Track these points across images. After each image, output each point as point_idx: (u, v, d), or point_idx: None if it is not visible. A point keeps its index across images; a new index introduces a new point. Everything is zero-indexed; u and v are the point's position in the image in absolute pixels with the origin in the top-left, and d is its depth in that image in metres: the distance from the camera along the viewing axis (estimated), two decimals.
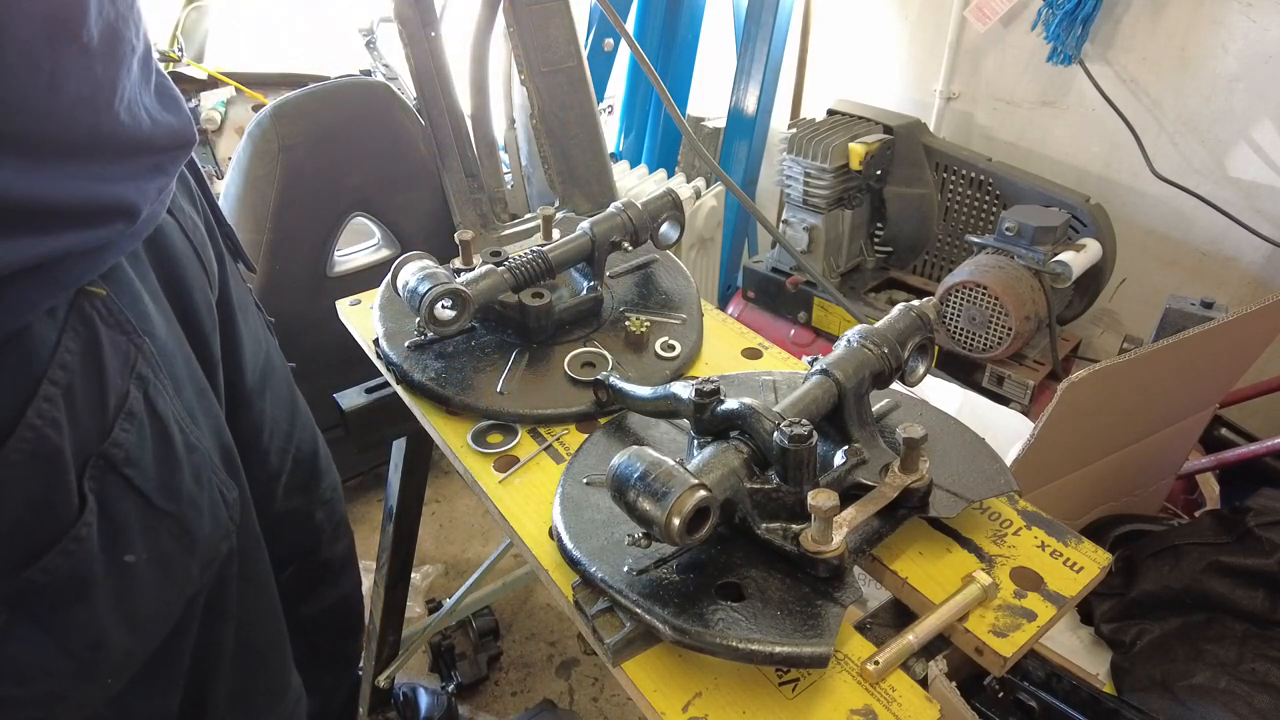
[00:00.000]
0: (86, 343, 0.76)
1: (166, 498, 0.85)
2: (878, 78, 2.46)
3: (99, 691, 0.85)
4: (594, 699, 1.92)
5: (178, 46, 2.40)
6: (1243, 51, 1.76)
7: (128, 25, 0.74)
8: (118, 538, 0.81)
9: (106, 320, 0.78)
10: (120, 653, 0.85)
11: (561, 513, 0.77)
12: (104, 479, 0.78)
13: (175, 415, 0.86)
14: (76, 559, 0.77)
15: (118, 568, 0.82)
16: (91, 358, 0.76)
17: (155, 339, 0.84)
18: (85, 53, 0.68)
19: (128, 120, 0.75)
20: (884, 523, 0.75)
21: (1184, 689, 1.19)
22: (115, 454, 0.79)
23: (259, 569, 1.08)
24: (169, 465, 0.85)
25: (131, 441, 0.80)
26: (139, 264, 0.86)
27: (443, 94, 1.71)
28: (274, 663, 1.16)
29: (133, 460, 0.81)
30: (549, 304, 1.00)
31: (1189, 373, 1.35)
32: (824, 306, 2.12)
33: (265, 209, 1.82)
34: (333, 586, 1.48)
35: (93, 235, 0.73)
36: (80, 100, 0.69)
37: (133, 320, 0.81)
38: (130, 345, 0.80)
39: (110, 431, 0.78)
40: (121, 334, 0.79)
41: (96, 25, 0.69)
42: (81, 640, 0.81)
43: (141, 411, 0.81)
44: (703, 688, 0.65)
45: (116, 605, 0.83)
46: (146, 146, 0.79)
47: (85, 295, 0.76)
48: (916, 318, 0.82)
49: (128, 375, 0.80)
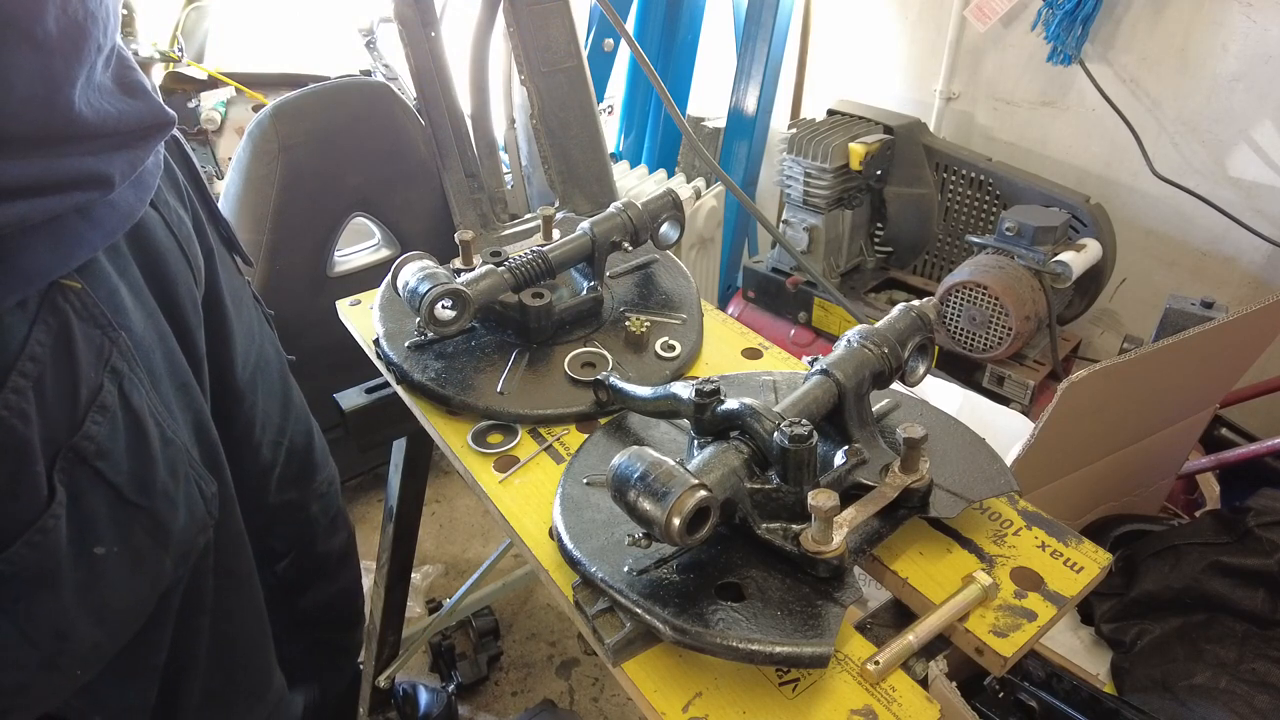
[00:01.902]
0: (58, 335, 0.76)
1: (139, 491, 0.85)
2: (878, 78, 2.46)
3: (66, 683, 0.85)
4: (594, 699, 1.92)
5: (178, 46, 2.39)
6: (1243, 51, 1.76)
7: (95, 23, 0.74)
8: (87, 530, 0.81)
9: (80, 313, 0.78)
10: (88, 645, 0.85)
11: (561, 513, 0.77)
12: (74, 471, 0.79)
13: (151, 409, 0.86)
14: (43, 550, 0.77)
15: (86, 560, 0.82)
16: (63, 350, 0.76)
17: (132, 333, 0.84)
18: (40, 49, 0.68)
19: (87, 112, 0.75)
20: (884, 523, 0.75)
21: (1184, 689, 1.19)
22: (86, 446, 0.79)
23: (239, 564, 1.08)
24: (142, 458, 0.85)
25: (103, 434, 0.80)
26: (119, 258, 0.86)
27: (443, 94, 1.71)
28: (255, 660, 1.16)
29: (104, 453, 0.81)
30: (549, 304, 1.00)
31: (1189, 373, 1.35)
32: (824, 306, 2.12)
33: (265, 209, 1.82)
34: (331, 580, 1.49)
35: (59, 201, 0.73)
36: (32, 97, 0.68)
37: (108, 314, 0.81)
38: (104, 339, 0.80)
39: (82, 424, 0.78)
40: (95, 327, 0.79)
41: (57, 21, 0.68)
42: (47, 631, 0.81)
43: (115, 404, 0.81)
44: (703, 688, 0.65)
45: (84, 597, 0.83)
46: (111, 131, 0.79)
47: (59, 288, 0.76)
48: (916, 318, 0.82)
49: (101, 368, 0.80)
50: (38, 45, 0.67)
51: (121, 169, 0.80)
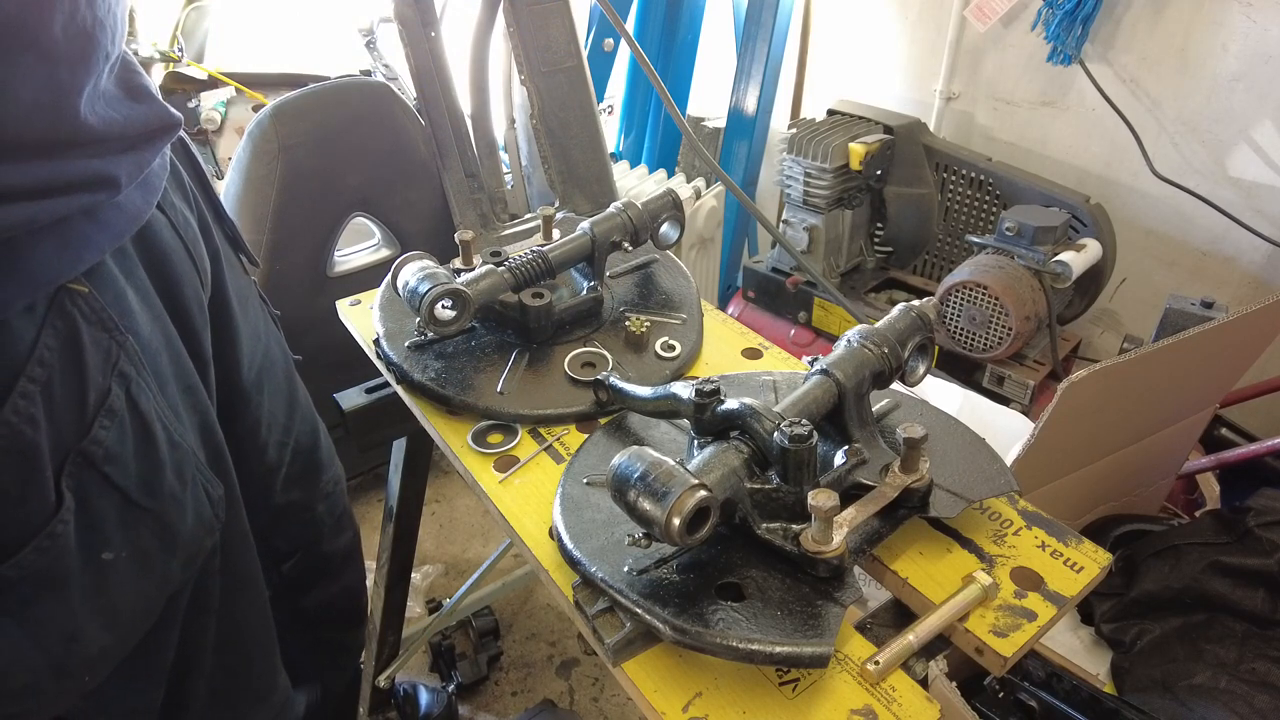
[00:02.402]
0: (66, 340, 0.76)
1: (147, 495, 0.85)
2: (878, 78, 2.46)
3: (75, 687, 0.85)
4: (594, 699, 1.92)
5: (178, 46, 2.39)
6: (1243, 51, 1.76)
7: (104, 30, 0.73)
8: (96, 534, 0.81)
9: (88, 317, 0.78)
10: (96, 649, 0.85)
11: (562, 513, 0.77)
12: (83, 476, 0.79)
13: (158, 412, 0.86)
14: (52, 555, 0.77)
15: (95, 564, 0.82)
16: (71, 355, 0.76)
17: (139, 336, 0.84)
18: (46, 58, 0.67)
19: (92, 119, 0.75)
20: (884, 523, 0.75)
21: (1184, 689, 1.19)
22: (95, 451, 0.79)
23: (245, 566, 1.08)
24: (151, 462, 0.85)
25: (112, 439, 0.80)
26: (126, 260, 0.86)
27: (443, 94, 1.71)
28: (259, 661, 1.16)
29: (113, 457, 0.81)
30: (549, 304, 1.00)
31: (1189, 373, 1.35)
32: (824, 306, 2.12)
33: (265, 209, 1.82)
34: (335, 579, 1.48)
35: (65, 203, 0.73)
36: (39, 105, 0.68)
37: (115, 317, 0.81)
38: (112, 342, 0.80)
39: (90, 429, 0.78)
40: (103, 331, 0.79)
41: (64, 30, 0.68)
42: (56, 636, 0.81)
43: (123, 409, 0.81)
44: (703, 688, 0.65)
45: (93, 602, 0.83)
46: (117, 136, 0.79)
47: (66, 292, 0.76)
48: (916, 318, 0.82)
49: (109, 372, 0.80)
50: (44, 54, 0.67)
51: (128, 171, 0.80)
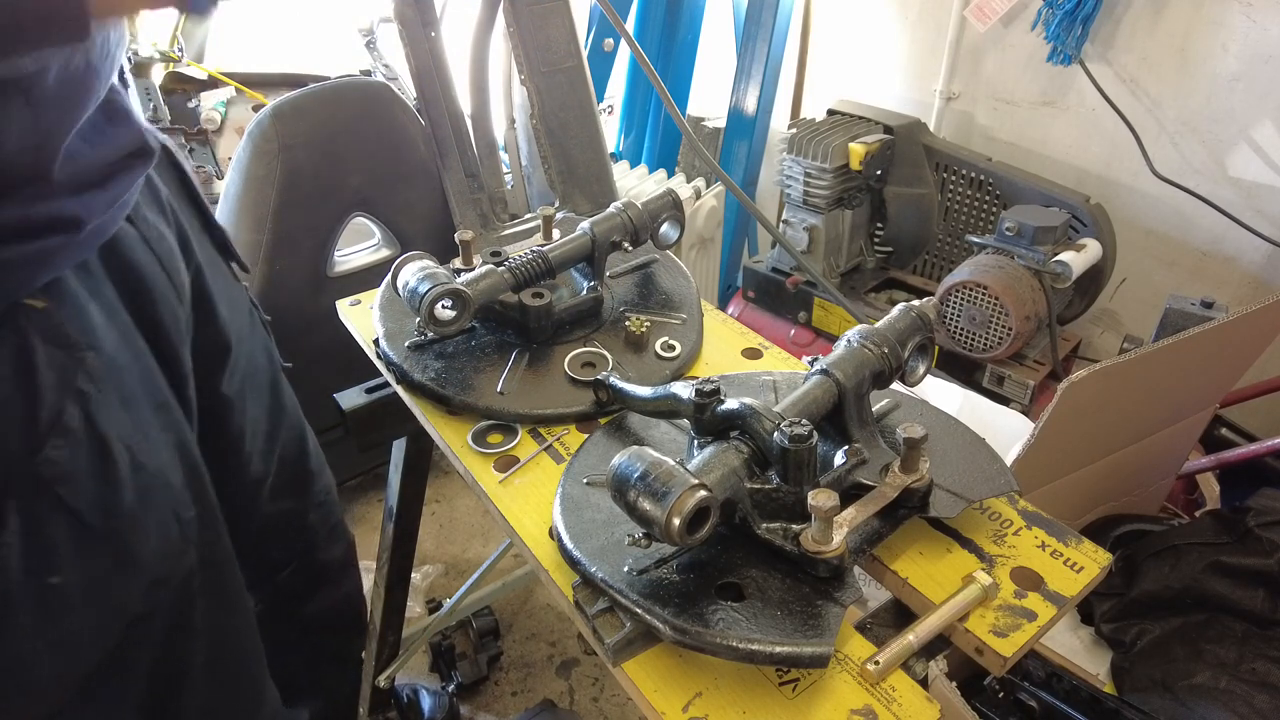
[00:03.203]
0: (16, 357, 0.74)
1: (104, 516, 0.82)
2: (878, 78, 2.46)
3: (26, 713, 0.82)
4: (594, 699, 1.92)
5: (178, 46, 2.39)
6: (1243, 51, 1.76)
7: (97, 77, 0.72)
8: (44, 557, 0.78)
9: (44, 334, 0.75)
10: (45, 675, 0.82)
11: (561, 513, 0.77)
12: (31, 497, 0.76)
13: (120, 432, 0.83)
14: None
15: (40, 589, 0.79)
16: (22, 372, 0.74)
17: (102, 353, 0.81)
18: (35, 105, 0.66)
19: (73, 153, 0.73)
20: (884, 523, 0.75)
21: (1184, 689, 1.19)
22: (45, 470, 0.76)
23: (229, 584, 1.05)
24: (108, 483, 0.82)
25: (64, 458, 0.77)
26: (89, 277, 0.84)
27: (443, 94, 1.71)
28: (247, 677, 1.13)
29: (65, 477, 0.78)
30: (549, 304, 1.00)
31: (1189, 373, 1.35)
32: (824, 306, 2.12)
33: (265, 209, 1.82)
34: (334, 587, 1.48)
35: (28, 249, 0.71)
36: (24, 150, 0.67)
37: (75, 334, 0.78)
38: (69, 360, 0.77)
39: (41, 448, 0.75)
40: (59, 348, 0.77)
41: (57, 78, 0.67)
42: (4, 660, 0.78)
43: (79, 428, 0.78)
44: (703, 688, 0.65)
45: (39, 627, 0.79)
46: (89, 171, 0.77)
47: (21, 309, 0.74)
48: (916, 318, 0.82)
49: (63, 391, 0.77)
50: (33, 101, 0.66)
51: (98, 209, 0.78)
